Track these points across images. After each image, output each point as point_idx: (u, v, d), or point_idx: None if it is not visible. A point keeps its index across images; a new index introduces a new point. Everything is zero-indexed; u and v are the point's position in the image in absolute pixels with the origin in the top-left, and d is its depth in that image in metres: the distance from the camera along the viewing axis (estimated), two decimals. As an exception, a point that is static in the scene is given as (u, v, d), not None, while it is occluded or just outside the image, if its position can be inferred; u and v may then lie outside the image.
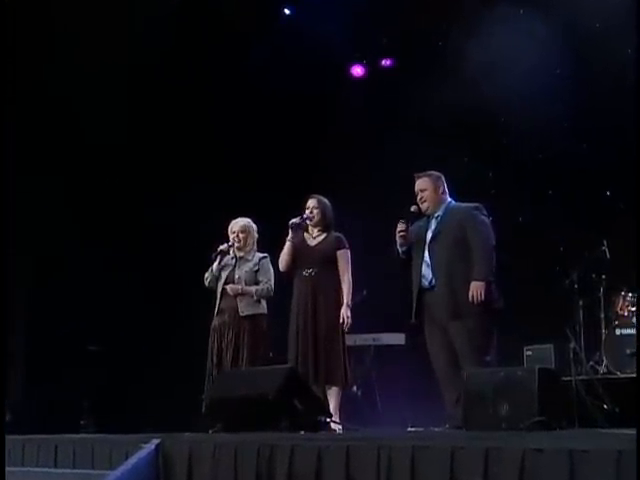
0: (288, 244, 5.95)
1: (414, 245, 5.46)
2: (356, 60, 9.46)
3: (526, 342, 7.25)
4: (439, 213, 5.44)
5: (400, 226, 5.48)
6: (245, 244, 6.23)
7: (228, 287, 6.13)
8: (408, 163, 8.33)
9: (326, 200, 5.96)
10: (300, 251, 5.91)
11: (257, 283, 6.15)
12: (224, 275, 6.23)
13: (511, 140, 8.09)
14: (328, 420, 5.06)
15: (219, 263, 6.22)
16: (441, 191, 5.47)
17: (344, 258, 5.83)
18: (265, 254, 6.22)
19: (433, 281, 5.35)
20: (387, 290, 8.04)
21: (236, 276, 6.19)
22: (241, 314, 6.07)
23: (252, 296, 6.11)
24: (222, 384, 5.39)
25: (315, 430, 4.87)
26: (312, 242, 5.91)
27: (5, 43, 7.32)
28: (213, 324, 6.19)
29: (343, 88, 9.17)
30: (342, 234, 5.96)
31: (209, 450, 3.93)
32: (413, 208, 5.55)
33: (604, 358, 6.79)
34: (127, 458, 4.15)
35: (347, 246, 5.86)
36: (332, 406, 5.59)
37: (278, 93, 8.75)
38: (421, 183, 5.52)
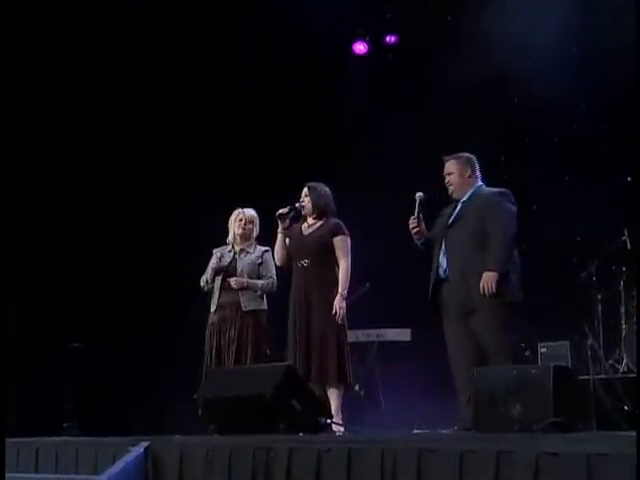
0: (280, 236, 5.95)
1: (436, 234, 5.43)
2: (358, 36, 9.44)
3: (540, 339, 7.25)
4: (464, 198, 5.41)
5: (411, 223, 5.45)
6: (250, 236, 6.30)
7: (232, 280, 6.13)
8: (414, 145, 8.41)
9: (321, 186, 5.94)
10: (295, 242, 5.91)
11: (259, 277, 6.19)
12: (222, 270, 6.26)
13: (524, 122, 8.08)
14: (329, 421, 5.06)
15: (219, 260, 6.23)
16: (468, 174, 5.43)
17: (341, 245, 5.79)
18: (267, 247, 6.26)
19: (447, 271, 5.32)
20: (392, 283, 8.07)
21: (238, 269, 6.21)
22: (244, 309, 6.10)
23: (256, 290, 6.14)
24: (216, 383, 5.39)
25: (315, 432, 4.87)
26: (307, 231, 5.91)
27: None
28: (211, 320, 6.21)
29: (345, 66, 9.16)
30: (342, 221, 5.94)
31: (202, 453, 3.93)
32: (418, 195, 5.52)
33: (624, 356, 6.79)
34: (114, 462, 4.15)
35: (346, 232, 5.83)
36: (333, 407, 5.60)
37: (276, 72, 8.74)
38: (448, 166, 5.50)
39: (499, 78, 8.00)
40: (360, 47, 9.44)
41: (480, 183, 5.47)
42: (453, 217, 5.38)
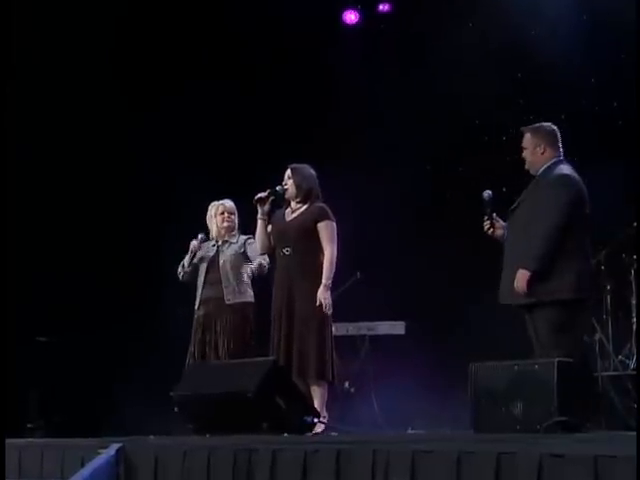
0: (260, 222, 5.92)
1: None
2: (349, 5, 9.41)
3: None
4: (537, 177, 5.26)
5: (485, 225, 5.37)
6: (234, 227, 6.41)
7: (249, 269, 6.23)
8: (409, 121, 8.41)
9: (306, 168, 5.91)
10: (276, 228, 5.89)
11: (248, 258, 6.32)
12: (204, 263, 6.37)
13: (527, 97, 8.07)
14: (316, 420, 5.07)
15: (194, 254, 6.34)
16: (541, 151, 5.24)
17: (326, 230, 5.76)
18: (249, 235, 6.32)
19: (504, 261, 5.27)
20: (384, 271, 8.08)
21: (221, 261, 6.32)
22: (227, 302, 6.21)
23: (261, 271, 6.25)
24: (194, 379, 5.40)
25: (301, 432, 4.89)
26: (289, 217, 5.90)
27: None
28: (196, 315, 6.32)
29: (335, 37, 9.12)
30: (329, 205, 5.92)
31: (178, 456, 3.94)
32: (485, 194, 5.36)
33: (635, 351, 6.81)
34: (82, 466, 4.15)
35: (331, 217, 5.80)
36: (315, 405, 5.61)
37: (262, 44, 8.70)
38: (523, 140, 5.36)
39: (500, 50, 7.99)
40: (351, 17, 9.40)
41: (556, 160, 5.23)
42: (519, 199, 5.25)
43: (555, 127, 5.34)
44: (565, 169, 5.23)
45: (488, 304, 7.49)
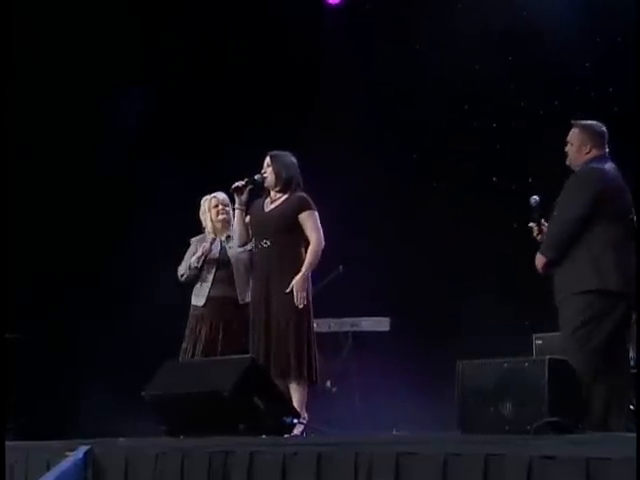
0: (237, 213, 5.91)
1: None
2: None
3: (536, 328, 7.30)
4: (574, 173, 5.40)
5: (534, 232, 5.54)
6: (229, 219, 6.40)
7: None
8: (396, 105, 8.41)
9: (286, 155, 5.90)
10: (255, 219, 5.88)
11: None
12: (211, 260, 6.35)
13: (520, 81, 8.09)
14: (295, 421, 5.07)
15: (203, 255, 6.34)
16: (587, 150, 5.36)
17: (309, 221, 5.75)
18: None
19: None
20: (369, 265, 8.08)
21: (232, 259, 6.34)
22: (242, 302, 6.24)
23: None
24: (167, 378, 5.38)
25: (279, 433, 4.89)
26: (268, 207, 5.89)
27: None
28: (198, 312, 6.33)
29: (317, 18, 9.10)
30: (310, 195, 5.92)
31: (150, 458, 3.94)
32: (533, 200, 5.57)
33: (631, 348, 6.83)
34: (48, 470, 4.14)
35: (313, 207, 5.79)
36: (295, 405, 5.61)
37: (242, 27, 8.68)
38: (570, 134, 5.47)
39: (490, 32, 7.99)
40: (334, -4, 9.40)
41: (593, 159, 5.34)
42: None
43: (604, 128, 5.44)
44: (599, 164, 5.32)
45: (477, 299, 7.57)
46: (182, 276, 6.40)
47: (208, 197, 6.51)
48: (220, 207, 6.43)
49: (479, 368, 4.77)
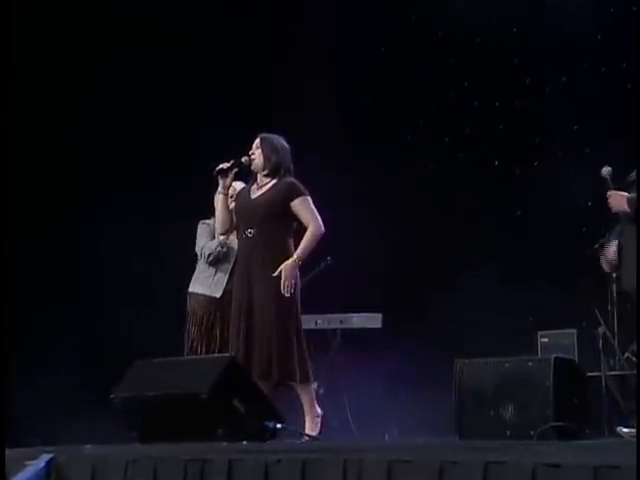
0: (220, 197, 5.90)
1: None
2: None
3: (541, 326, 7.33)
4: None
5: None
6: None
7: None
8: (392, 90, 8.40)
9: (277, 138, 5.90)
10: (240, 206, 5.88)
11: None
12: (230, 254, 6.40)
13: (526, 57, 8.08)
14: (279, 426, 5.08)
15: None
16: None
17: (304, 207, 5.74)
18: None
19: None
20: (359, 257, 8.09)
21: None
22: None
23: None
24: (139, 378, 5.38)
25: (261, 439, 4.89)
26: (255, 193, 5.89)
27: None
28: (206, 306, 6.38)
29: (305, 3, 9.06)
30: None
31: (120, 467, 3.94)
32: (605, 171, 5.59)
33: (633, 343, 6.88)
34: (8, 480, 4.13)
35: (305, 192, 5.78)
36: (306, 411, 5.65)
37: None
38: None
39: (492, 3, 7.99)
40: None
41: None
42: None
43: None
44: None
45: (477, 294, 7.57)
46: (209, 255, 6.40)
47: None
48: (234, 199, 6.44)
49: (479, 368, 4.79)
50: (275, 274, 5.61)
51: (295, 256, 5.68)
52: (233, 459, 3.66)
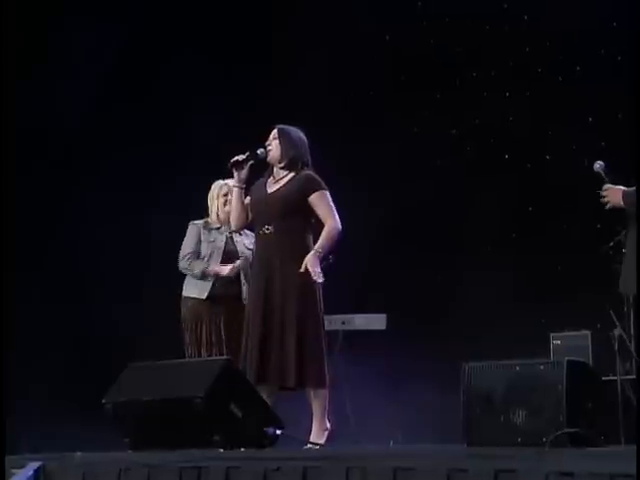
0: (236, 191, 5.89)
1: None
2: None
3: (553, 327, 7.32)
4: None
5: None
6: None
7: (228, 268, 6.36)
8: (396, 79, 8.39)
9: (295, 131, 5.89)
10: (256, 201, 5.87)
11: None
12: (216, 252, 6.49)
13: (536, 45, 8.07)
14: (278, 432, 5.08)
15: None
16: None
17: (322, 201, 5.74)
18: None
19: None
20: (363, 256, 8.08)
21: (241, 254, 6.48)
22: (245, 301, 6.29)
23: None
24: (131, 383, 5.38)
25: (260, 446, 4.89)
26: (272, 188, 5.89)
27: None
28: (194, 309, 6.45)
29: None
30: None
31: (111, 475, 3.94)
32: (598, 165, 5.50)
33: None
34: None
35: (324, 186, 5.78)
36: (316, 419, 5.65)
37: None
38: None
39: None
40: None
41: None
42: None
43: None
44: None
45: (485, 294, 7.57)
46: (184, 269, 6.52)
47: (220, 182, 6.61)
48: (229, 197, 6.48)
49: (488, 371, 4.78)
50: (302, 270, 5.61)
51: (316, 247, 5.68)
52: (230, 467, 3.67)
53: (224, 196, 6.55)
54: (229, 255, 6.48)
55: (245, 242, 6.50)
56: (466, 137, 8.22)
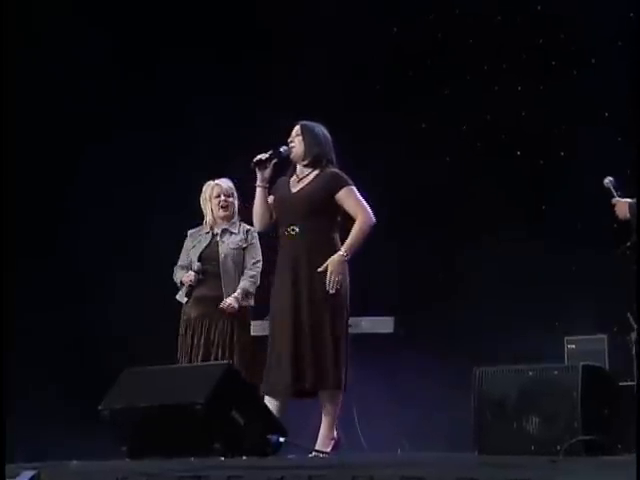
0: (259, 191, 5.90)
1: None
2: None
3: (568, 331, 7.31)
4: None
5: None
6: (234, 212, 6.71)
7: (227, 305, 6.53)
8: (402, 72, 8.38)
9: (319, 127, 5.91)
10: (280, 201, 5.87)
11: (244, 264, 6.66)
12: (197, 255, 6.66)
13: (550, 36, 8.05)
14: (282, 440, 5.08)
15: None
16: None
17: (350, 197, 5.76)
18: (250, 226, 6.52)
19: None
20: (369, 256, 8.05)
21: (221, 255, 6.60)
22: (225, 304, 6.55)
23: (247, 295, 6.62)
24: (129, 389, 5.39)
25: (263, 454, 4.89)
26: (296, 187, 5.89)
27: None
28: (186, 317, 6.60)
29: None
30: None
31: (108, 484, 3.93)
32: (608, 181, 5.78)
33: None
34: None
35: (350, 182, 5.81)
36: (325, 424, 5.64)
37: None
38: None
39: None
40: None
41: None
42: None
43: None
44: None
45: (497, 296, 7.56)
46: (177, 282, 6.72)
47: (211, 183, 6.73)
48: (222, 198, 6.66)
49: (500, 376, 4.78)
50: (321, 269, 5.62)
51: (342, 250, 5.67)
52: (232, 476, 3.67)
53: (216, 197, 6.66)
54: (207, 257, 6.60)
55: (231, 245, 6.61)
56: (476, 133, 8.20)
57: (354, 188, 5.82)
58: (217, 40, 8.67)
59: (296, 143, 5.88)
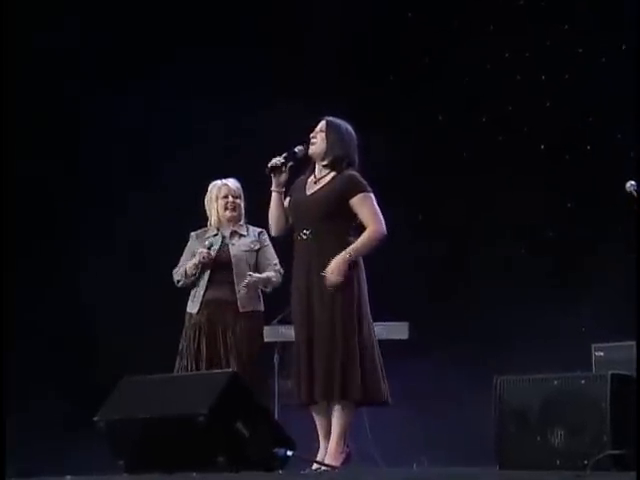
0: (275, 196, 5.89)
1: None
2: None
3: (595, 338, 7.30)
4: None
5: None
6: (240, 214, 6.69)
7: (244, 284, 6.45)
8: (418, 61, 8.38)
9: (343, 124, 5.85)
10: (295, 204, 5.87)
11: (257, 267, 6.58)
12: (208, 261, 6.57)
13: (573, 26, 8.05)
14: (289, 453, 5.08)
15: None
16: None
17: (365, 204, 5.72)
18: (261, 229, 6.54)
19: None
20: (383, 260, 8.05)
21: (233, 258, 6.55)
22: (242, 309, 6.47)
23: (266, 286, 6.54)
24: (127, 399, 5.40)
25: (268, 469, 4.89)
26: (311, 189, 5.88)
27: None
28: (194, 321, 6.55)
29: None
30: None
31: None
32: (630, 185, 5.66)
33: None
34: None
35: (368, 188, 5.75)
36: (333, 434, 5.63)
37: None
38: None
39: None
40: None
41: None
42: None
43: None
44: None
45: (520, 300, 7.55)
46: (178, 282, 6.64)
47: (218, 183, 6.70)
48: (230, 199, 6.63)
49: (522, 385, 4.78)
50: (325, 272, 5.62)
51: (347, 251, 5.65)
52: (236, 492, 3.66)
53: (224, 198, 6.64)
54: (219, 260, 6.54)
55: (242, 248, 6.57)
56: (497, 126, 8.19)
57: (371, 195, 5.78)
58: (220, 40, 8.71)
59: (318, 140, 5.85)
